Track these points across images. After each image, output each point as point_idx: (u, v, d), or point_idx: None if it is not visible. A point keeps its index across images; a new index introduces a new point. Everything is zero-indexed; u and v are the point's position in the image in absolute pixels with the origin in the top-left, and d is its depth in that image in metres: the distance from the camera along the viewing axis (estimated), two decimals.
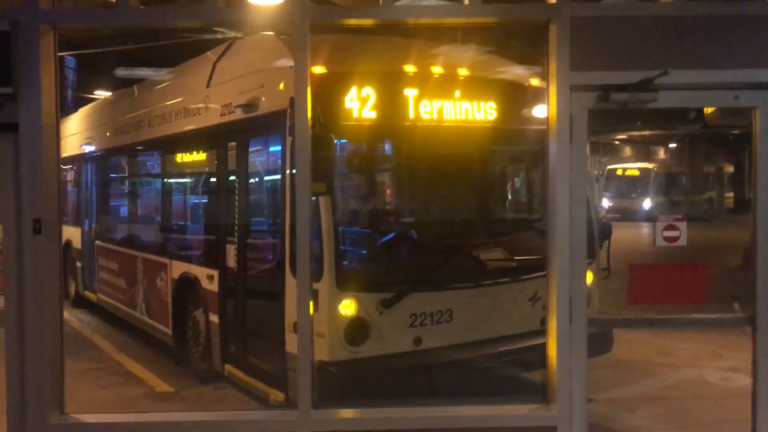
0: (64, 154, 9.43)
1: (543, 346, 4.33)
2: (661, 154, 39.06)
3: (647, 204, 28.98)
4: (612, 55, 4.00)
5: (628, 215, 25.00)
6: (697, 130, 23.15)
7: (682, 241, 4.19)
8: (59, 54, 4.26)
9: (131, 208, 10.00)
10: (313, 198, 4.94)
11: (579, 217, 4.09)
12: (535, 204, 6.92)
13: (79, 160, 11.38)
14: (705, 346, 8.07)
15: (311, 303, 4.20)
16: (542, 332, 4.58)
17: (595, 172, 33.00)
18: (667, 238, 4.21)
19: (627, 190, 30.23)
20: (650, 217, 21.97)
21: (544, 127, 4.18)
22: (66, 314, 4.45)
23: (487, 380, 5.80)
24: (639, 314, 5.02)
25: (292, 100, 4.18)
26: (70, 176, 11.89)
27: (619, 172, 31.89)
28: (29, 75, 4.01)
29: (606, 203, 29.68)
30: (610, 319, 5.89)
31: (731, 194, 33.41)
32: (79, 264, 11.15)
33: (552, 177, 4.06)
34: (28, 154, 4.04)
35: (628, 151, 40.79)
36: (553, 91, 4.00)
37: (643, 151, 39.37)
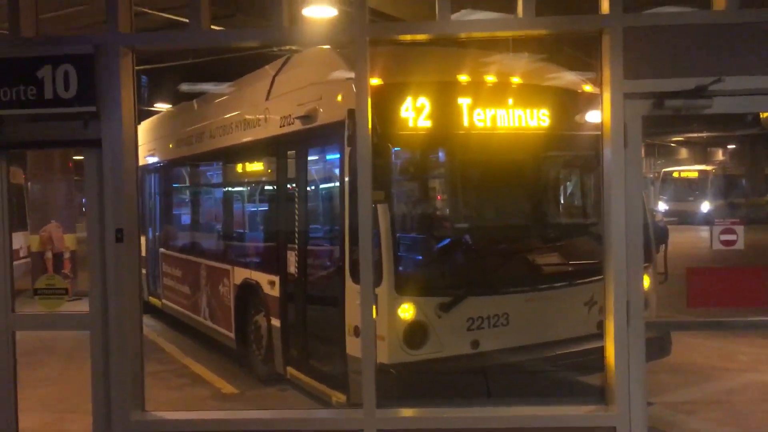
0: None
1: (599, 350, 4.39)
2: (720, 155, 38.04)
3: (705, 207, 28.28)
4: (665, 62, 4.07)
5: (686, 218, 24.48)
6: (756, 131, 22.52)
7: (740, 245, 4.21)
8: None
9: (194, 216, 10.33)
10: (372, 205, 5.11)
11: (635, 221, 4.16)
12: (589, 208, 6.95)
13: (142, 170, 11.80)
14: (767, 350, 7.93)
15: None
16: (599, 336, 4.63)
17: (651, 175, 32.38)
18: (724, 242, 4.24)
19: (684, 193, 29.55)
20: (709, 221, 21.44)
21: (597, 132, 4.26)
22: None
23: (544, 383, 5.83)
24: (697, 318, 5.02)
25: (350, 111, 4.32)
26: None
27: (676, 175, 31.23)
28: (111, 94, 4.27)
29: (662, 206, 29.09)
30: (666, 321, 5.88)
31: None
32: (144, 271, 11.56)
33: (607, 182, 4.14)
34: (110, 168, 4.31)
35: (684, 153, 39.89)
36: (606, 98, 4.09)
37: (701, 153, 38.42)
